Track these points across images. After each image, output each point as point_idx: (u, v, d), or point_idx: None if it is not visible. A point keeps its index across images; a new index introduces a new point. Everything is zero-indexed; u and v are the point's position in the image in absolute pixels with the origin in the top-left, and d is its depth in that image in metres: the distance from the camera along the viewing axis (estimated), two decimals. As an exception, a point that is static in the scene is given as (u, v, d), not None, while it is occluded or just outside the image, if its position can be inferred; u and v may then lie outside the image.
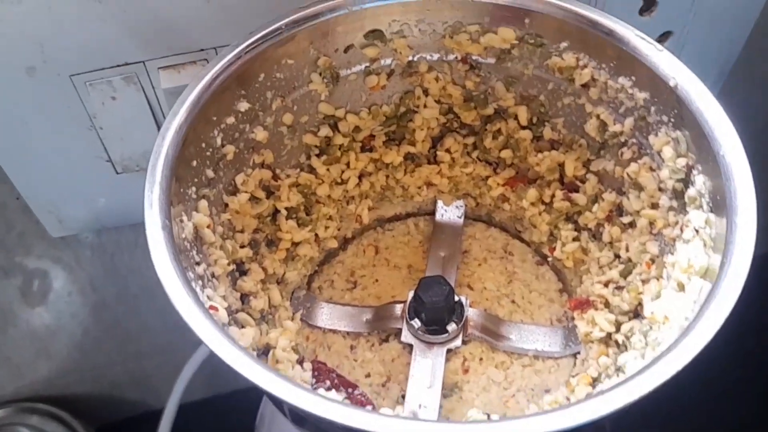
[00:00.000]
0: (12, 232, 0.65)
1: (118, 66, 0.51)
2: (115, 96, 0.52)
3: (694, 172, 0.39)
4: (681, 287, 0.36)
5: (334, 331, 0.48)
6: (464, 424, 0.31)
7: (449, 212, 0.54)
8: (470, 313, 0.47)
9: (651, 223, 0.43)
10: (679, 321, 0.34)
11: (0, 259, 0.68)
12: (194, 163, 0.40)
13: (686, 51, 0.62)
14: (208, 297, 0.37)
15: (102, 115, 0.53)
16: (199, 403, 0.88)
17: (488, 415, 0.44)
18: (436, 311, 0.46)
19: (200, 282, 0.37)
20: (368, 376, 0.47)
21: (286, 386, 0.29)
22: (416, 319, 0.47)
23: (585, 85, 0.45)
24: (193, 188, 0.40)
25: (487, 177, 0.52)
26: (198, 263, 0.38)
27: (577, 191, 0.48)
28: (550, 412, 0.29)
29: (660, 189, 0.42)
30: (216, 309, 0.36)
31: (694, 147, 0.39)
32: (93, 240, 0.71)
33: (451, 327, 0.47)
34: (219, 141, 0.42)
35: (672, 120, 0.40)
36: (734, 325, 0.31)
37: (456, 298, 0.47)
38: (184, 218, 0.38)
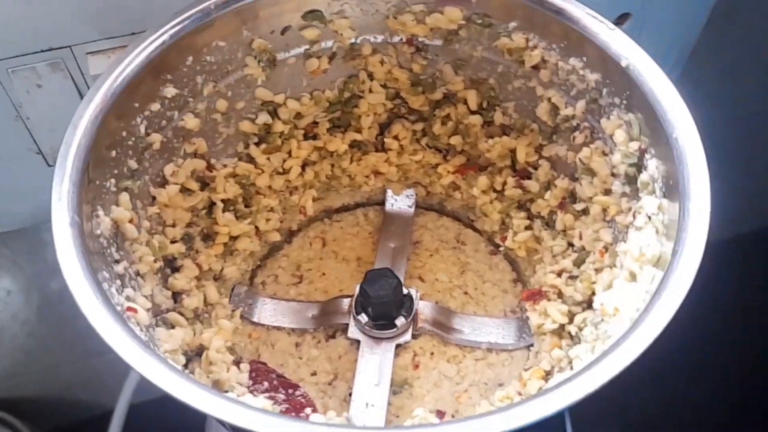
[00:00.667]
0: (-61, 230, 0.61)
1: (43, 51, 0.47)
2: (40, 84, 0.49)
3: (647, 156, 0.37)
4: (633, 277, 0.34)
5: (278, 329, 0.46)
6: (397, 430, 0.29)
7: (399, 201, 0.51)
8: (420, 306, 0.45)
9: (604, 210, 0.41)
10: (630, 312, 0.32)
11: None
12: (113, 153, 0.37)
13: (645, 34, 0.60)
14: (127, 297, 0.34)
15: (28, 105, 0.50)
16: (154, 401, 0.85)
17: (438, 412, 0.42)
18: (383, 305, 0.44)
19: (118, 282, 0.34)
20: (314, 374, 0.44)
21: (204, 396, 0.27)
22: (363, 314, 0.45)
23: (535, 67, 0.43)
24: (113, 180, 0.37)
25: (437, 164, 0.49)
26: (117, 261, 0.35)
27: (529, 178, 0.46)
28: (496, 412, 0.27)
29: (613, 174, 0.40)
30: (135, 311, 0.33)
31: (647, 130, 0.37)
32: (32, 236, 0.68)
33: (400, 321, 0.45)
34: (143, 129, 0.39)
35: (624, 102, 0.38)
36: (689, 312, 0.29)
37: (405, 291, 0.45)
38: (101, 213, 0.35)
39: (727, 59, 0.74)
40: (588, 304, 0.41)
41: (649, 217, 0.35)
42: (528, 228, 0.46)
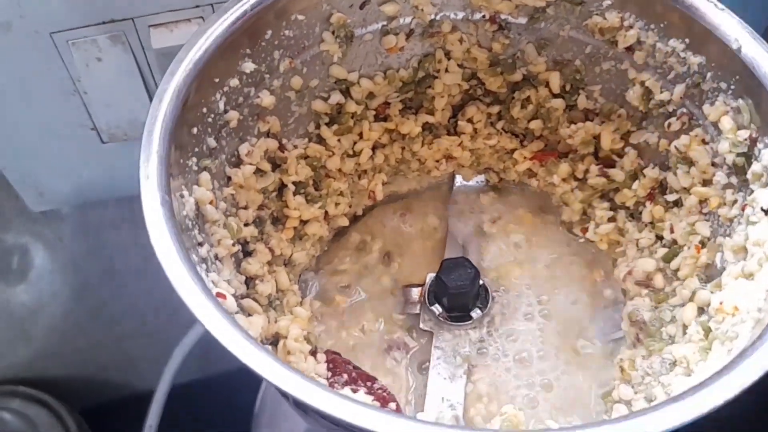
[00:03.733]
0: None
1: (104, 23, 0.46)
2: (100, 57, 0.47)
3: (759, 145, 0.35)
4: (750, 274, 0.32)
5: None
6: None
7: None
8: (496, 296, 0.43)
9: (701, 202, 0.39)
10: (752, 313, 0.30)
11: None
12: (195, 130, 0.35)
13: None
14: (213, 282, 0.32)
15: (86, 78, 0.48)
16: (190, 384, 0.84)
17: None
18: (461, 296, 0.42)
19: (204, 266, 0.32)
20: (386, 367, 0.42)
21: (317, 392, 0.25)
22: (437, 305, 0.43)
23: (629, 48, 0.40)
24: (194, 159, 0.35)
25: (513, 150, 0.47)
26: (200, 244, 0.33)
27: (613, 166, 0.44)
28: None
29: (714, 164, 0.38)
30: (224, 296, 0.31)
31: (758, 117, 0.35)
32: (76, 215, 0.67)
33: (476, 313, 0.43)
34: (222, 106, 0.37)
35: (732, 87, 0.36)
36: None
37: (481, 282, 0.43)
38: (185, 193, 0.33)
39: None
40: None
41: (766, 211, 0.33)
42: (611, 219, 0.44)
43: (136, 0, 0.45)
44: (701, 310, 0.36)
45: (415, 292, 0.45)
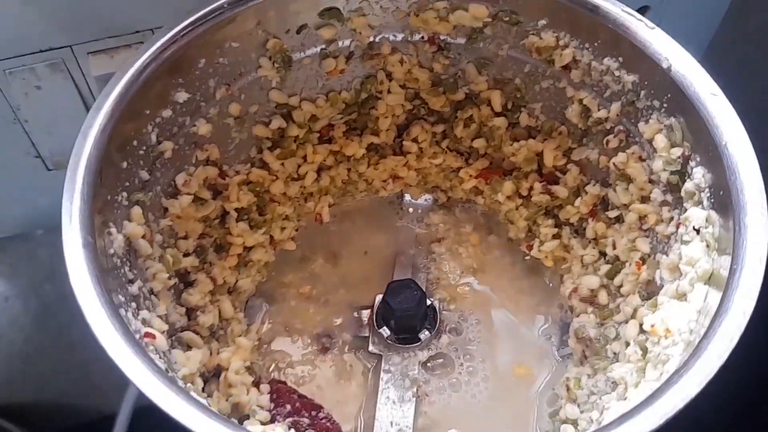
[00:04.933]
0: (-67, 236, 0.59)
1: (42, 51, 0.45)
2: (39, 85, 0.46)
3: (692, 163, 0.35)
4: (682, 295, 0.32)
5: (294, 343, 0.43)
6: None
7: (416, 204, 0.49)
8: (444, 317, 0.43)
9: (641, 218, 0.39)
10: (684, 335, 0.30)
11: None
12: (124, 164, 0.34)
13: (663, 27, 0.58)
14: (143, 321, 0.32)
15: (26, 107, 0.47)
16: (153, 407, 0.83)
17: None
18: (407, 318, 0.42)
19: (133, 304, 0.32)
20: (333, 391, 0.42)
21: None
22: (385, 327, 0.43)
23: (566, 67, 0.40)
24: (124, 194, 0.34)
25: (459, 168, 0.47)
26: (131, 281, 0.33)
27: (557, 183, 0.44)
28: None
29: (651, 181, 0.38)
30: (153, 336, 0.31)
31: (691, 136, 0.35)
32: (32, 241, 0.65)
33: (424, 335, 0.43)
34: (154, 138, 0.36)
35: (665, 105, 0.36)
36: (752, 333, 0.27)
37: (428, 302, 0.43)
38: (113, 230, 0.32)
39: (744, 52, 0.72)
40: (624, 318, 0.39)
41: (697, 230, 0.33)
42: (556, 236, 0.44)
43: (73, 27, 0.44)
44: (642, 328, 0.36)
45: (365, 315, 0.44)
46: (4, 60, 0.45)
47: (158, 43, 0.35)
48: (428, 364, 0.43)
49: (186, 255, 0.39)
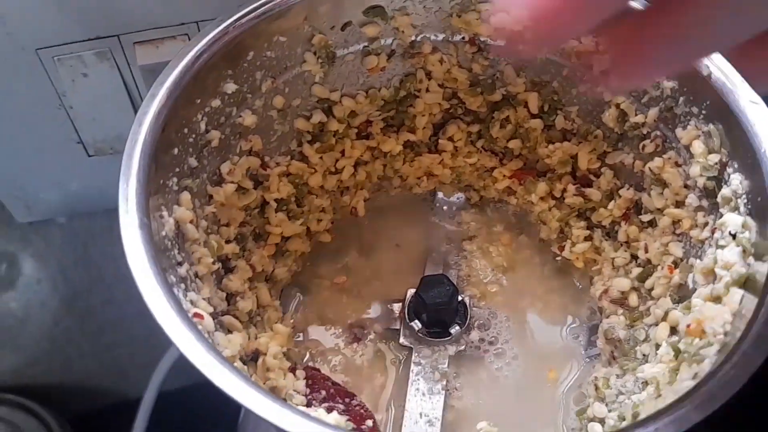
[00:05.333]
0: (-26, 216, 0.60)
1: (90, 40, 0.46)
2: (86, 73, 0.48)
3: (729, 169, 0.35)
4: (717, 298, 0.33)
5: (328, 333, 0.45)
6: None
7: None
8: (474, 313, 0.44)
9: (675, 223, 0.39)
10: (717, 336, 0.31)
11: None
12: (175, 150, 0.36)
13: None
14: (191, 302, 0.33)
15: (72, 94, 0.49)
16: (177, 391, 0.84)
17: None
18: (439, 312, 0.43)
19: (183, 285, 0.33)
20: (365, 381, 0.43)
21: (287, 415, 0.25)
22: (416, 321, 0.44)
23: (604, 72, 0.41)
24: (174, 179, 0.35)
25: (493, 168, 0.48)
26: (180, 263, 0.34)
27: (590, 186, 0.45)
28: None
29: (686, 186, 0.38)
30: (201, 317, 0.32)
31: (729, 142, 0.36)
32: (65, 225, 0.67)
33: (455, 329, 0.43)
34: (203, 126, 0.38)
35: (703, 112, 0.37)
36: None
37: (459, 298, 0.44)
38: (165, 213, 0.34)
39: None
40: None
41: (733, 235, 0.34)
42: (588, 238, 0.45)
43: (121, 17, 0.46)
44: (673, 330, 0.37)
45: (396, 308, 0.45)
46: (53, 47, 0.46)
47: (212, 34, 0.36)
48: (458, 359, 0.43)
49: (227, 242, 0.40)
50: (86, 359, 0.82)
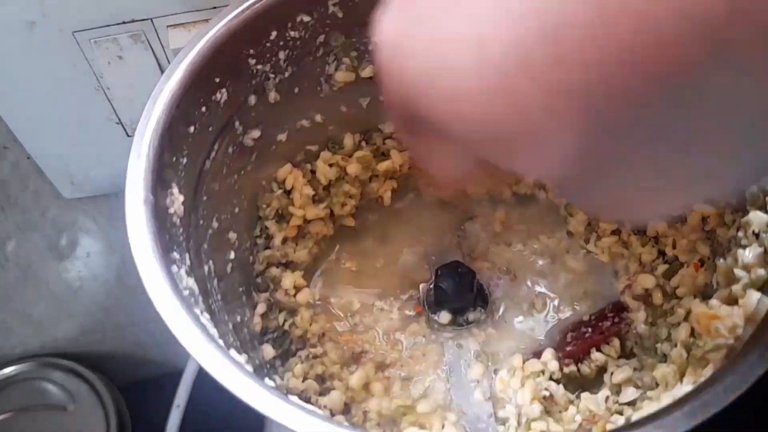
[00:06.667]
0: (26, 191, 0.63)
1: (125, 23, 0.47)
2: (121, 55, 0.49)
3: (759, 166, 0.33)
4: (732, 299, 0.31)
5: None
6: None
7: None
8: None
9: (703, 219, 0.37)
10: (729, 340, 0.29)
11: (16, 218, 0.66)
12: (191, 129, 0.36)
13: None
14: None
15: (109, 75, 0.50)
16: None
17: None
18: (458, 300, 0.42)
19: (189, 263, 0.33)
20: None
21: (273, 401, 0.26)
22: (439, 312, 0.43)
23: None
24: (190, 157, 0.36)
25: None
26: (187, 240, 0.34)
27: (620, 177, 0.43)
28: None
29: (715, 181, 0.36)
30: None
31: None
32: (112, 202, 0.69)
33: (476, 314, 0.43)
34: (222, 105, 0.38)
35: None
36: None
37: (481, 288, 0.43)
38: (175, 191, 0.34)
39: None
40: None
41: (756, 235, 0.32)
42: (615, 232, 0.43)
43: (154, 1, 0.46)
44: (693, 332, 0.35)
45: (417, 295, 0.45)
46: (90, 30, 0.47)
47: (230, 15, 0.36)
48: (481, 344, 0.43)
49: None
50: (136, 329, 0.84)
